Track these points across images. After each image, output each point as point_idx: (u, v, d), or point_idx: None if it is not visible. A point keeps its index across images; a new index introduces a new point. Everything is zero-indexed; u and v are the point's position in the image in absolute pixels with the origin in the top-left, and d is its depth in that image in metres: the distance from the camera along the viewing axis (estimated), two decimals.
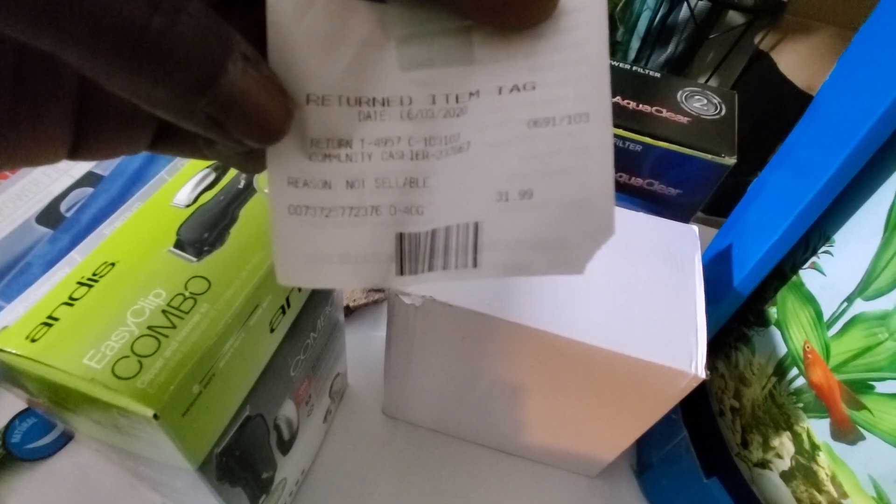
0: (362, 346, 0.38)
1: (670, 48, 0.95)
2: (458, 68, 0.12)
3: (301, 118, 0.12)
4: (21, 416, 0.30)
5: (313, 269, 0.12)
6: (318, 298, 0.24)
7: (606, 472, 0.34)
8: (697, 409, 0.31)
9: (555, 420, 0.29)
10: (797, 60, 0.88)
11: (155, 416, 0.15)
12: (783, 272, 0.26)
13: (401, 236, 0.13)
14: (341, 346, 0.32)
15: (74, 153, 0.13)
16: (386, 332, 0.27)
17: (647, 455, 0.34)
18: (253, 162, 0.13)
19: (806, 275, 0.24)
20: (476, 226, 0.12)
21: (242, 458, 0.21)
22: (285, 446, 0.26)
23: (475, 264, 0.12)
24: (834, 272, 0.23)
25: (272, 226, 0.12)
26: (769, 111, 0.88)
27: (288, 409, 0.25)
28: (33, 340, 0.15)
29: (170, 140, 0.14)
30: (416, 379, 0.30)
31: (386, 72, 0.12)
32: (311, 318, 0.24)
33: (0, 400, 0.31)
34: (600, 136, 0.11)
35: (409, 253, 0.13)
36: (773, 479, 0.26)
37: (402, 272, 0.13)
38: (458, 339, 0.25)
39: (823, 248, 0.23)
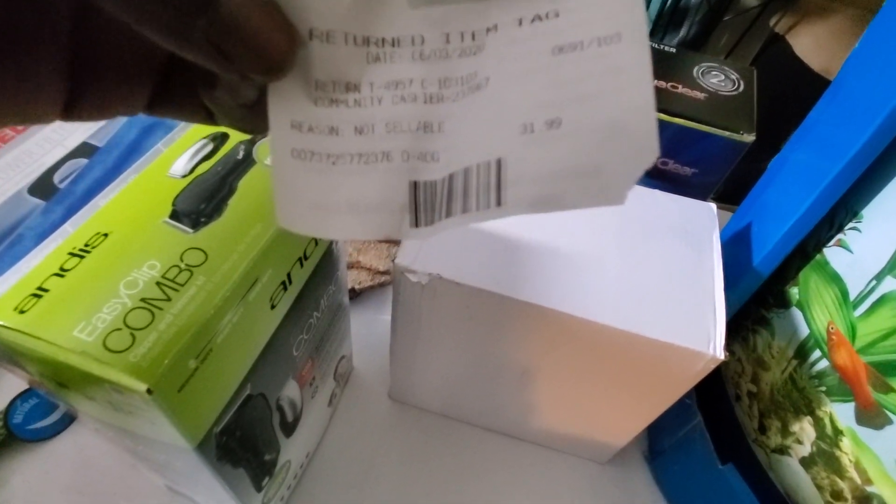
0: (368, 330, 0.37)
1: (683, 31, 0.93)
2: (472, 4, 0.11)
3: (305, 56, 0.11)
4: (22, 396, 0.29)
5: (318, 217, 0.12)
6: (321, 276, 0.23)
7: (617, 458, 0.33)
8: (712, 395, 0.30)
9: (565, 404, 0.28)
10: (814, 43, 0.86)
11: (148, 391, 0.14)
12: (806, 251, 0.25)
13: (415, 185, 0.12)
14: (346, 328, 0.31)
15: (68, 111, 0.12)
16: (391, 312, 0.26)
17: (659, 441, 0.33)
18: (255, 117, 0.12)
19: (831, 253, 0.23)
20: (498, 163, 0.11)
21: (244, 438, 0.20)
22: (289, 428, 0.25)
23: (499, 203, 0.11)
24: (862, 249, 0.22)
25: (273, 168, 0.11)
26: (785, 95, 0.85)
27: (291, 390, 0.24)
28: (22, 312, 0.15)
29: (168, 99, 0.13)
30: (423, 361, 0.29)
31: (395, 9, 0.11)
32: (313, 297, 0.23)
33: (1, 381, 0.31)
34: (635, 55, 0.10)
35: (424, 203, 0.12)
36: (791, 466, 0.25)
37: (416, 223, 0.12)
38: (466, 319, 0.24)
39: (851, 225, 0.22)
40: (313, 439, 0.31)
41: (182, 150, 0.20)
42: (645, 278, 0.24)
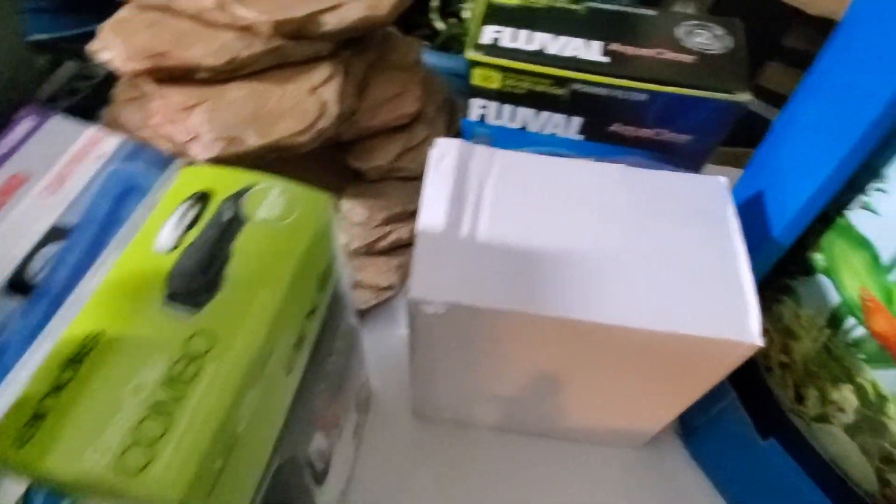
0: (381, 347, 0.36)
1: None
2: None
3: None
4: None
5: None
6: (332, 321, 0.22)
7: (651, 441, 0.33)
8: (742, 369, 0.29)
9: (598, 403, 0.28)
10: None
11: None
12: (827, 215, 0.24)
13: None
14: (361, 355, 0.30)
15: None
16: (409, 340, 0.25)
17: (690, 419, 0.33)
18: None
19: (855, 216, 0.22)
20: None
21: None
22: (320, 477, 0.24)
23: None
24: (890, 210, 0.21)
25: None
26: (754, 31, 0.84)
27: (318, 442, 0.23)
28: (23, 443, 0.13)
29: None
30: (445, 382, 0.28)
31: None
32: (327, 344, 0.22)
33: None
34: None
35: None
36: (834, 433, 0.24)
37: None
38: (489, 340, 0.23)
39: (876, 186, 0.21)
40: (344, 476, 0.30)
41: (163, 219, 0.18)
42: (665, 270, 0.23)
